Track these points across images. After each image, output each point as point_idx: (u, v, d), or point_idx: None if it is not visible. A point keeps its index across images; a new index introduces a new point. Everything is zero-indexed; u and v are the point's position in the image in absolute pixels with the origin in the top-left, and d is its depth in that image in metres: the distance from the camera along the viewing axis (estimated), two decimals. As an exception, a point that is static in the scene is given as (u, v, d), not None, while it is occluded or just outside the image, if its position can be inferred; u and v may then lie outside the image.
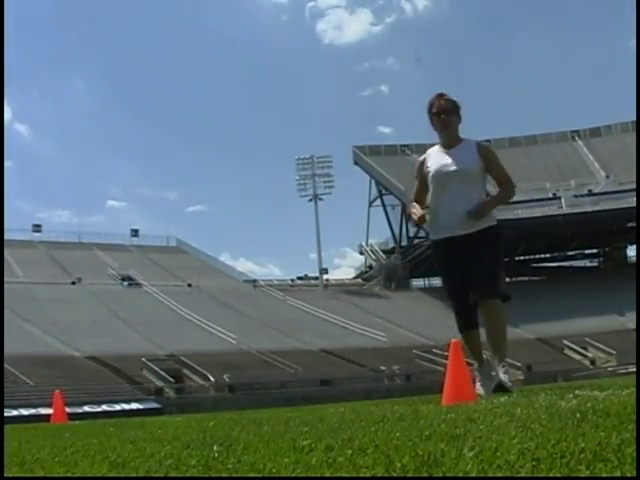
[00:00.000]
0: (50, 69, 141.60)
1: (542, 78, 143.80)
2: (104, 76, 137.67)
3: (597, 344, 51.66)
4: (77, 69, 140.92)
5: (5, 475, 1.86)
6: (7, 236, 64.53)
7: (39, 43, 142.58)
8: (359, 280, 75.99)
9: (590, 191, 69.12)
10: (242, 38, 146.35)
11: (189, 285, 64.01)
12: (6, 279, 53.37)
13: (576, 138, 79.57)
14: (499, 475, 1.33)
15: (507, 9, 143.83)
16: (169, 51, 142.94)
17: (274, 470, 1.57)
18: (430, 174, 5.59)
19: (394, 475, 1.40)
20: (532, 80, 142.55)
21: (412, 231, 73.32)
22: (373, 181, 77.67)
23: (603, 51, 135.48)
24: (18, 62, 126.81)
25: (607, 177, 71.27)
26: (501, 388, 5.22)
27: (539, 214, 65.98)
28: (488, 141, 79.50)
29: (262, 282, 69.90)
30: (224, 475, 1.60)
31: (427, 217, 5.51)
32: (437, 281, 78.29)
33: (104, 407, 32.87)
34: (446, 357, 5.07)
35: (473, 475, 1.34)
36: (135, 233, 75.61)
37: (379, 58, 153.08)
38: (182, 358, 44.20)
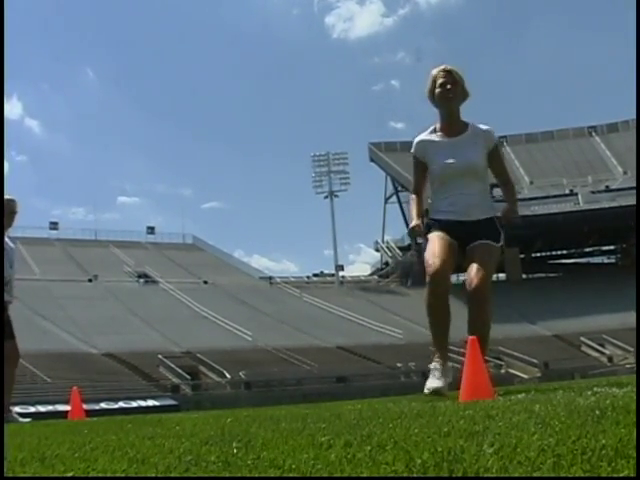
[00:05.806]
0: (61, 63, 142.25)
1: (558, 73, 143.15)
2: (116, 71, 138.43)
3: (614, 341, 51.35)
4: (89, 64, 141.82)
5: (5, 475, 1.87)
6: (24, 234, 64.97)
7: (49, 37, 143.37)
8: (375, 277, 75.90)
9: (607, 187, 68.74)
10: (254, 33, 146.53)
11: (205, 282, 64.16)
12: (23, 277, 53.62)
13: (593, 134, 79.05)
14: (521, 471, 1.32)
15: (523, 2, 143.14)
16: (181, 47, 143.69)
17: (294, 466, 1.58)
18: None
19: (414, 471, 1.40)
20: (548, 75, 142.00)
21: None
22: (389, 178, 77.54)
23: (620, 45, 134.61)
24: (27, 56, 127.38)
25: (624, 173, 70.81)
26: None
27: (556, 210, 65.65)
28: (504, 137, 79.44)
29: (278, 279, 69.97)
30: (244, 471, 1.61)
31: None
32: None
33: (121, 404, 33.10)
34: (462, 354, 5.03)
35: (494, 471, 1.33)
36: (151, 230, 75.93)
37: (390, 52, 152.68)
38: (198, 355, 44.35)
